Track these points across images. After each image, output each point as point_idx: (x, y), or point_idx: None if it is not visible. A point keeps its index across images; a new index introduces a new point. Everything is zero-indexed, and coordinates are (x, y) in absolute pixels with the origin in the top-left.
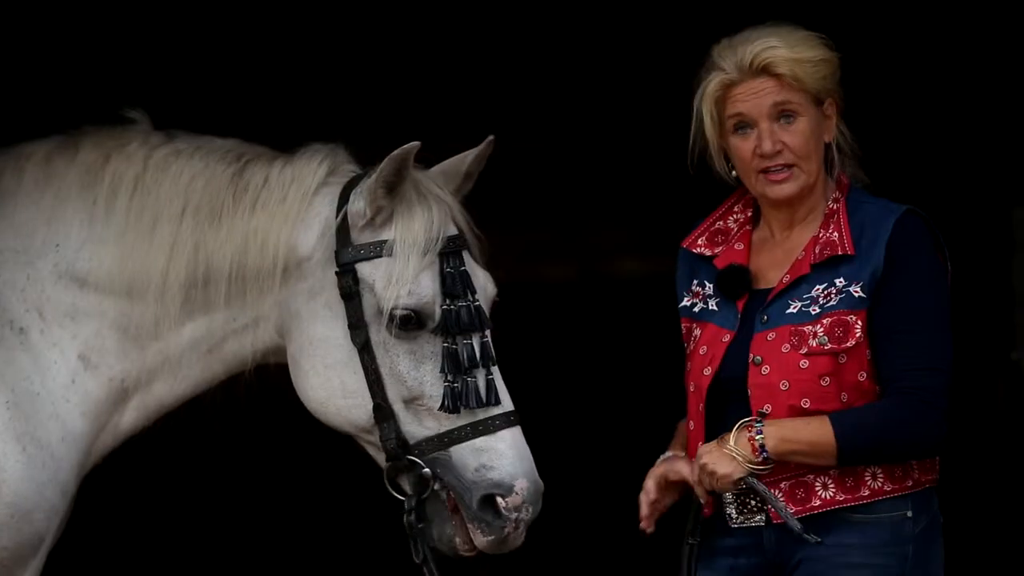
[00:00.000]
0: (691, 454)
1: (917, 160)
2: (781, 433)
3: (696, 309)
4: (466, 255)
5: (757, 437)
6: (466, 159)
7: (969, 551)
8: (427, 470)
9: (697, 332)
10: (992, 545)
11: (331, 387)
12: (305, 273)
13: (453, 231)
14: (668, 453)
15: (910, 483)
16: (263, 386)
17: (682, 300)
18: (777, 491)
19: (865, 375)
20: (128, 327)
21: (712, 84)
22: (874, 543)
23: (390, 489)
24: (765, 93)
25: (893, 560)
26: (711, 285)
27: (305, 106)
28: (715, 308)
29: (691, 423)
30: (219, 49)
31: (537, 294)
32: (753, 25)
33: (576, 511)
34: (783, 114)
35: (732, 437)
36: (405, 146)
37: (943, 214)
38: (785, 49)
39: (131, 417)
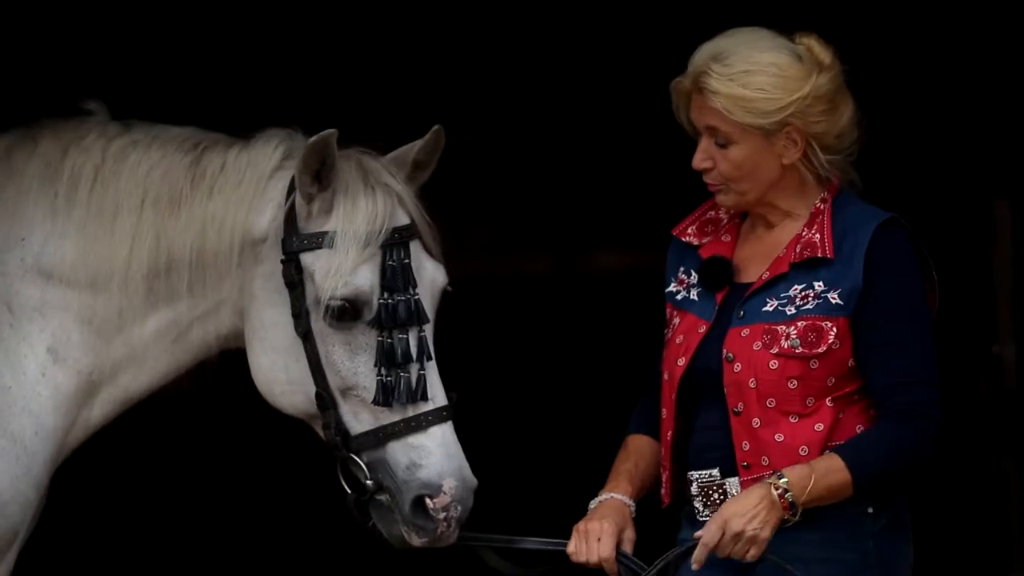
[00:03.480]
0: (663, 443)
1: (897, 153)
2: (803, 484)
3: (679, 297)
4: (415, 246)
5: (787, 495)
6: (413, 148)
7: (948, 547)
8: (365, 471)
9: (676, 320)
10: (971, 541)
11: (276, 371)
12: (261, 257)
13: (402, 221)
14: (604, 496)
15: None
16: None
17: (668, 285)
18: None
19: (834, 380)
20: (93, 319)
21: (679, 86)
22: (832, 538)
23: (341, 479)
24: (703, 111)
25: (852, 555)
26: (695, 274)
27: (303, 102)
28: (695, 298)
29: (663, 411)
30: (218, 46)
31: (514, 288)
32: (735, 23)
33: (552, 507)
34: (717, 136)
35: (772, 495)
36: (322, 133)
37: (924, 207)
38: (723, 79)
39: (101, 411)
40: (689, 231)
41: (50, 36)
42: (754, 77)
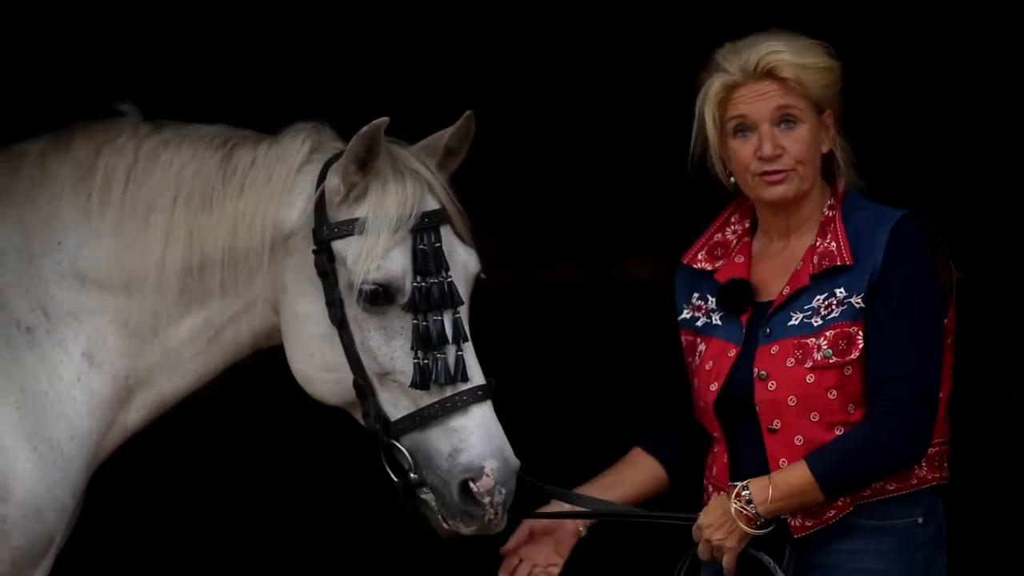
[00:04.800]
0: (719, 466)
1: (930, 161)
2: (767, 495)
3: (699, 323)
4: (446, 231)
5: (748, 507)
6: (444, 135)
7: (982, 556)
8: (409, 459)
9: (702, 347)
10: (1006, 550)
11: (314, 361)
12: (292, 249)
13: (432, 207)
14: (554, 509)
15: (915, 481)
16: (261, 388)
17: (682, 313)
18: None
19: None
20: (128, 322)
21: (715, 86)
22: (885, 549)
23: (387, 468)
24: (769, 96)
25: (904, 567)
26: (713, 299)
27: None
28: (719, 323)
29: (714, 446)
30: (219, 45)
31: (545, 297)
32: (757, 31)
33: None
34: (784, 118)
35: (731, 508)
36: (374, 122)
37: (955, 218)
38: (790, 54)
39: (137, 415)
40: (699, 257)
41: (77, 40)
42: (814, 51)
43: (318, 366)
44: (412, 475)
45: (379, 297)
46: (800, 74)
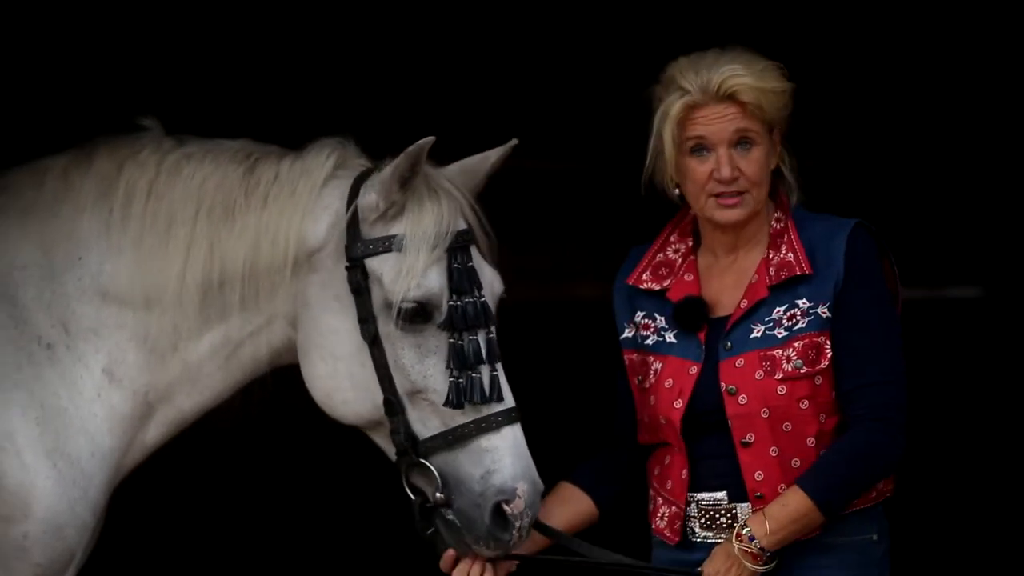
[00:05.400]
0: (675, 482)
1: (944, 177)
2: (769, 527)
3: (649, 342)
4: (474, 251)
5: (752, 543)
6: (489, 159)
7: (1009, 556)
8: (438, 479)
9: (657, 365)
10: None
11: (338, 378)
12: (316, 265)
13: (462, 226)
14: None
15: (874, 494)
16: (278, 404)
17: (622, 332)
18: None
19: (836, 392)
20: (147, 338)
21: (676, 106)
22: (847, 564)
23: (405, 487)
24: (728, 119)
25: None
26: (662, 318)
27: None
28: (673, 340)
29: (667, 458)
30: (224, 52)
31: (569, 313)
32: (720, 44)
33: (609, 532)
34: (741, 141)
35: (735, 549)
36: (420, 141)
37: (978, 207)
38: (751, 78)
39: (156, 432)
40: (644, 277)
41: (101, 55)
42: (772, 73)
43: (343, 383)
44: (438, 495)
45: (417, 315)
46: (760, 98)
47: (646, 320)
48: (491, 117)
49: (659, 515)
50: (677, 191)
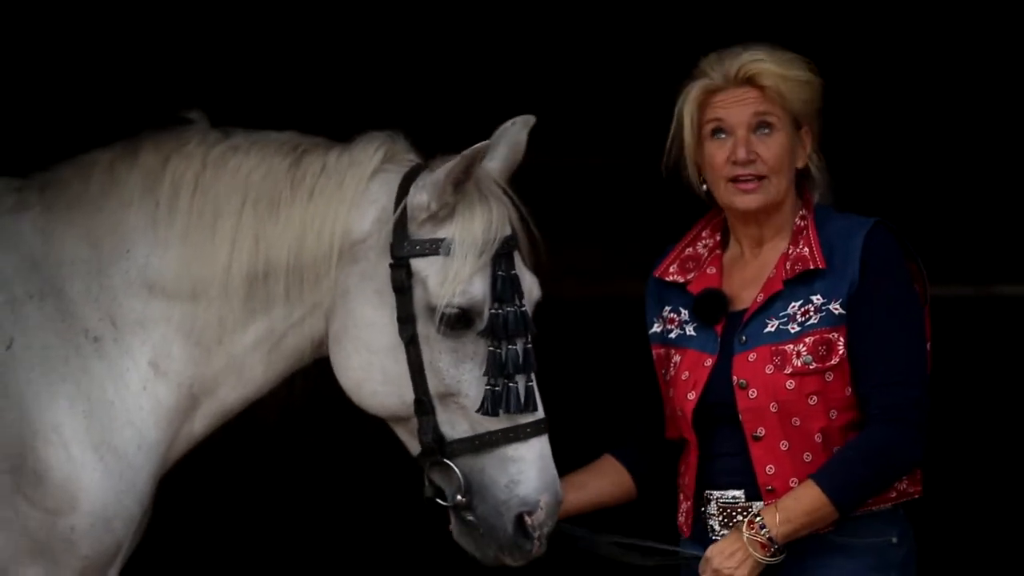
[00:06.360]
0: (688, 470)
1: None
2: (780, 518)
3: (672, 335)
4: (516, 257)
5: (762, 532)
6: (519, 150)
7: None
8: (461, 481)
9: (677, 358)
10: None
11: (371, 370)
12: (358, 256)
13: (508, 232)
14: None
15: (893, 495)
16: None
17: (651, 327)
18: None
19: (851, 389)
20: (193, 330)
21: (695, 89)
22: (860, 567)
23: (427, 486)
24: (747, 102)
25: None
26: (686, 311)
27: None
28: (693, 333)
29: (686, 453)
30: (227, 52)
31: (619, 310)
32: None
33: (646, 527)
34: (761, 125)
35: (744, 536)
36: (477, 145)
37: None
38: (772, 64)
39: (202, 424)
40: (671, 271)
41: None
42: (796, 64)
43: (376, 376)
44: (460, 497)
45: (459, 321)
46: (780, 84)
47: (672, 314)
48: (545, 113)
49: (681, 510)
50: (704, 187)
